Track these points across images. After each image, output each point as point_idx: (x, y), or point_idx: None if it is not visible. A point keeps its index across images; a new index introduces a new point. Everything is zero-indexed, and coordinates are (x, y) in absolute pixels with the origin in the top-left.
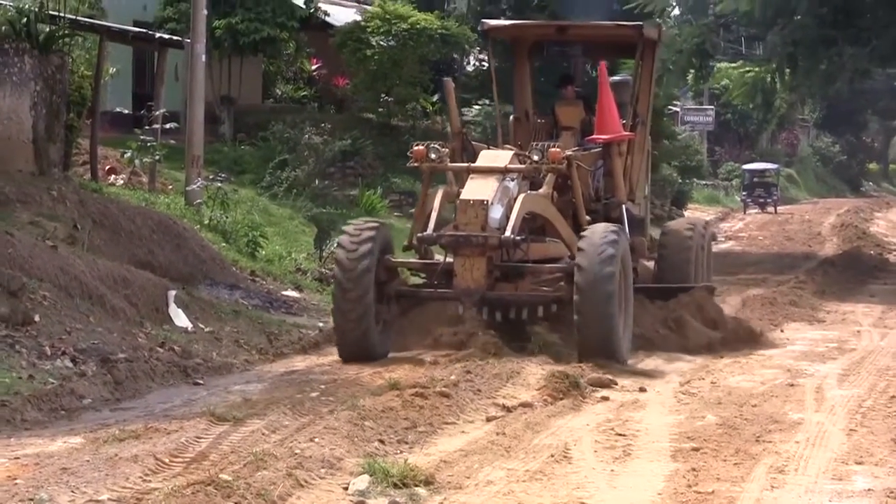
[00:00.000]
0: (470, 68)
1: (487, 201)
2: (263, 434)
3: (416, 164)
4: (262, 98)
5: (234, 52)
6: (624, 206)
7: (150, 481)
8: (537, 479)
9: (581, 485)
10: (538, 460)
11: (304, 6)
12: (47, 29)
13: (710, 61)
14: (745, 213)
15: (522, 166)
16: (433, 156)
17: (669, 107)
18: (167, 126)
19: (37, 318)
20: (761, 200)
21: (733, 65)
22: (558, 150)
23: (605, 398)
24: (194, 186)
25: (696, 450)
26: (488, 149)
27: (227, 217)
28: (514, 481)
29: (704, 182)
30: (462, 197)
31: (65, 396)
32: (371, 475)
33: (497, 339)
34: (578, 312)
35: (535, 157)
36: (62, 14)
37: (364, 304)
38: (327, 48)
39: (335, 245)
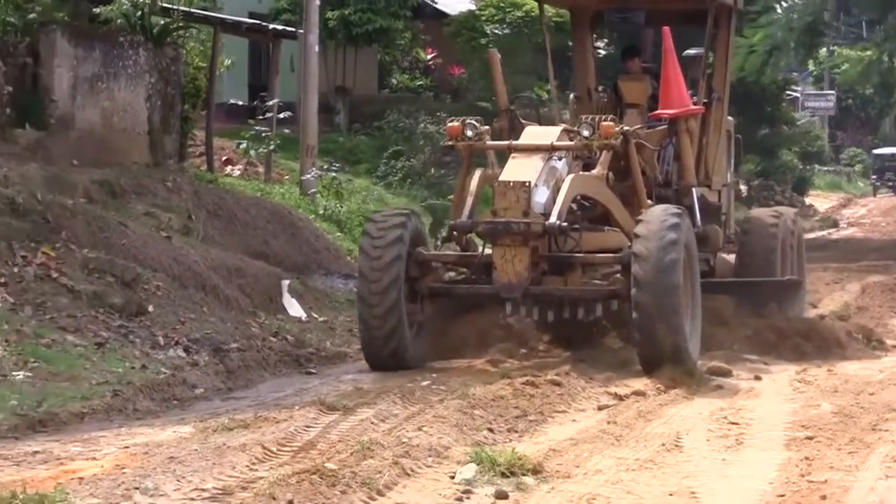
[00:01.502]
0: None
1: (530, 183)
2: (372, 423)
3: (451, 143)
4: (377, 88)
5: (349, 43)
6: (695, 192)
7: (256, 470)
8: (647, 468)
9: (691, 474)
10: (649, 449)
11: None
12: (161, 22)
13: (822, 40)
14: (874, 195)
15: (571, 143)
16: (470, 133)
17: (788, 92)
18: (281, 116)
19: (150, 309)
20: (891, 184)
21: (853, 50)
22: (611, 123)
23: (720, 387)
24: (308, 176)
25: (810, 438)
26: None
27: (341, 206)
28: (624, 470)
29: (826, 168)
30: (501, 178)
31: (177, 386)
32: (478, 464)
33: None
34: (637, 308)
35: (586, 133)
36: (176, 7)
37: (393, 302)
38: (442, 37)
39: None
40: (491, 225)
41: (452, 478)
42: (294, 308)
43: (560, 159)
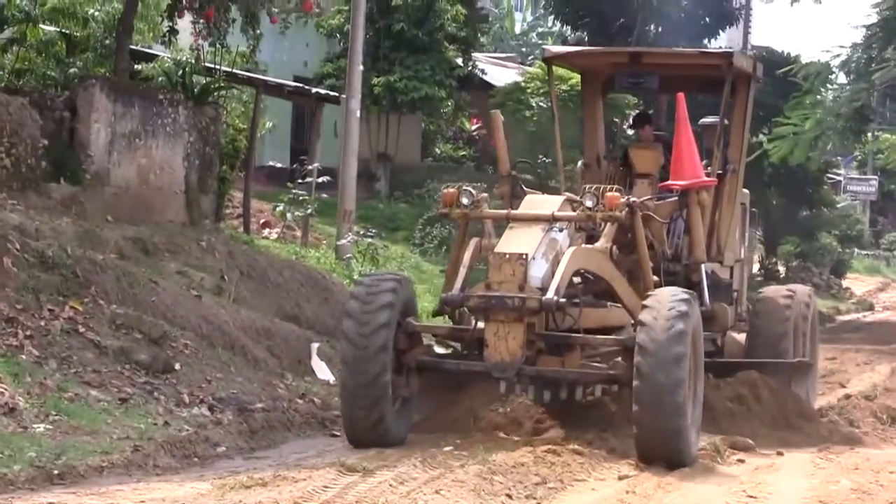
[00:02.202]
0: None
1: (527, 255)
2: (391, 486)
3: (445, 212)
4: (420, 156)
5: (393, 110)
6: (704, 268)
7: None
8: None
9: None
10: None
11: (462, 65)
12: (203, 81)
13: (868, 126)
14: None
15: (573, 214)
16: (466, 200)
17: (830, 175)
18: (320, 180)
19: (177, 367)
20: None
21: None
22: (617, 194)
23: (741, 461)
24: (345, 241)
25: None
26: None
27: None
28: None
29: (865, 252)
30: (497, 249)
31: (199, 444)
32: None
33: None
34: (638, 402)
35: (589, 204)
36: (219, 66)
37: (379, 371)
38: (487, 108)
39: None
40: (484, 299)
41: None
42: (322, 371)
43: (561, 231)
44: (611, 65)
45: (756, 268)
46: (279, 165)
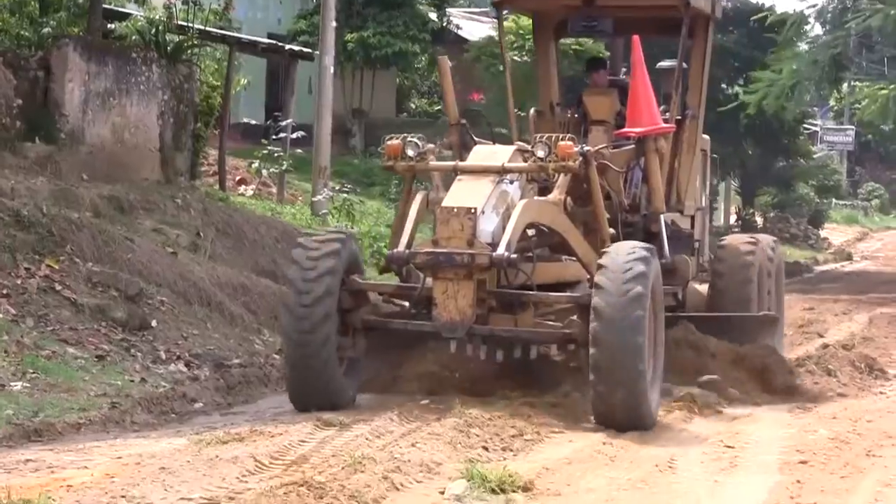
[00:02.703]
0: None
1: (476, 209)
2: (367, 439)
3: (389, 165)
4: (395, 112)
5: (367, 66)
6: (663, 218)
7: (246, 482)
8: (638, 488)
9: (682, 494)
10: (642, 469)
11: (436, 20)
12: (176, 39)
13: (845, 74)
14: None
15: (524, 165)
16: (411, 152)
17: (807, 126)
18: (294, 136)
19: (154, 324)
20: None
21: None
22: (569, 143)
23: (720, 411)
24: (320, 197)
25: (804, 462)
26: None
27: (352, 228)
28: (615, 489)
29: (843, 202)
30: (444, 204)
31: (176, 400)
32: (468, 480)
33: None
34: (595, 370)
35: (540, 154)
36: (192, 25)
37: (323, 341)
38: (462, 63)
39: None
40: (431, 256)
41: (442, 493)
42: None
43: (512, 182)
44: (563, 7)
45: (733, 219)
46: (254, 122)
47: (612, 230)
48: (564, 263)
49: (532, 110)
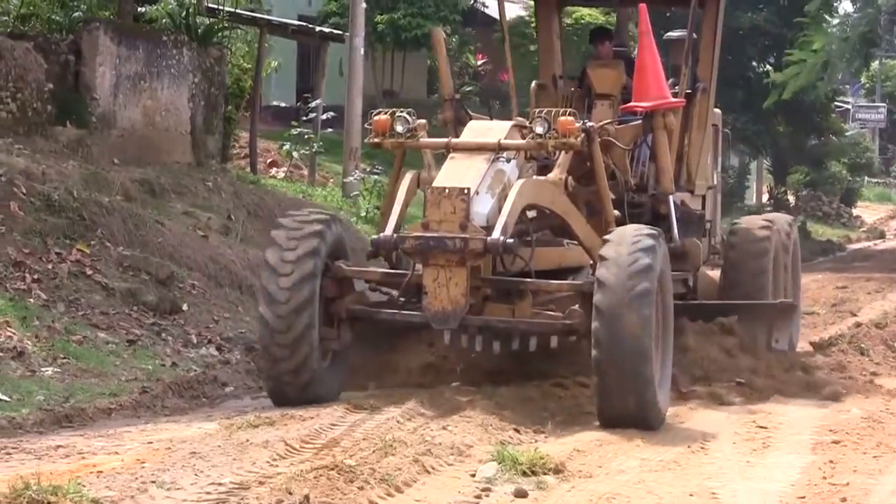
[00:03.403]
0: None
1: (470, 190)
2: (398, 422)
3: (376, 141)
4: (426, 93)
5: (398, 48)
6: (672, 199)
7: (276, 466)
8: (670, 469)
9: (714, 475)
10: (673, 451)
11: (466, 0)
12: (207, 22)
13: (875, 52)
14: None
15: (522, 142)
16: (400, 128)
17: (838, 103)
18: (324, 117)
19: (185, 307)
20: None
21: None
22: (570, 118)
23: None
24: (351, 179)
25: (837, 442)
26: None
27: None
28: (647, 471)
29: (875, 180)
30: (435, 184)
31: (207, 384)
32: (500, 463)
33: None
34: (598, 370)
35: (539, 130)
36: (222, 7)
37: (303, 330)
38: (492, 44)
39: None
40: (421, 240)
41: (473, 476)
42: None
43: (509, 161)
44: None
45: (766, 198)
46: (284, 105)
47: (617, 212)
48: (566, 248)
49: (533, 84)
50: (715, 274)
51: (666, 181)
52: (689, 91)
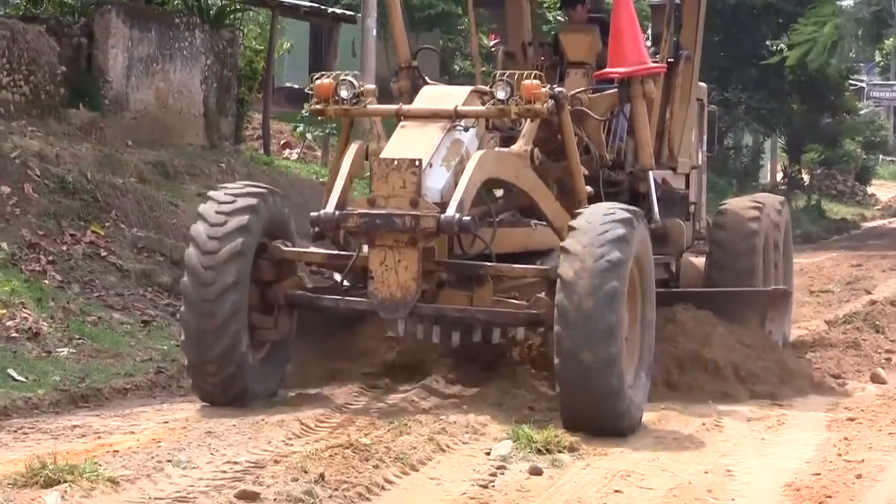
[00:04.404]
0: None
1: (421, 162)
2: (413, 401)
3: (318, 108)
4: (439, 73)
5: (410, 28)
6: (652, 176)
7: (291, 445)
8: (685, 447)
9: (729, 453)
10: (689, 428)
11: None
12: (219, 3)
13: (889, 31)
14: None
15: (482, 108)
16: (344, 93)
17: (853, 82)
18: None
19: None
20: None
21: None
22: (536, 82)
23: None
24: None
25: (852, 420)
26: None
27: None
28: (661, 448)
29: (890, 158)
30: (383, 155)
31: None
32: (514, 441)
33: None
34: (560, 351)
35: (501, 95)
36: None
37: (231, 312)
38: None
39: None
40: (366, 218)
41: (488, 454)
42: None
43: (467, 130)
44: None
45: (780, 177)
46: (297, 86)
47: (589, 189)
48: (533, 229)
49: (500, 50)
50: (699, 261)
51: (645, 156)
52: (672, 60)
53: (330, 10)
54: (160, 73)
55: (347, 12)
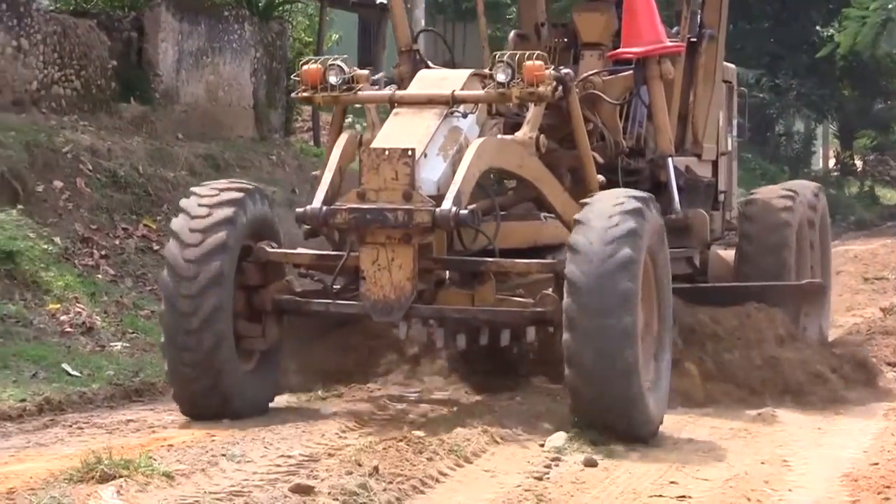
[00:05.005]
0: None
1: (415, 151)
2: (466, 393)
3: (305, 95)
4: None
5: (458, 18)
6: (672, 163)
7: (345, 438)
8: (741, 437)
9: (785, 443)
10: (744, 419)
11: None
12: None
13: None
14: None
15: (481, 93)
16: (334, 79)
17: None
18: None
19: None
20: None
21: None
22: (540, 63)
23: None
24: None
25: None
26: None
27: None
28: (718, 438)
29: None
30: (374, 145)
31: None
32: (569, 432)
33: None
34: (570, 359)
35: (501, 77)
36: None
37: (211, 312)
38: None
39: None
40: (355, 213)
41: (542, 446)
42: None
43: (466, 116)
44: None
45: (832, 163)
46: None
47: (602, 177)
48: (542, 223)
49: (512, 33)
50: (729, 253)
51: (663, 141)
52: (694, 39)
53: (378, 1)
54: (210, 66)
55: None
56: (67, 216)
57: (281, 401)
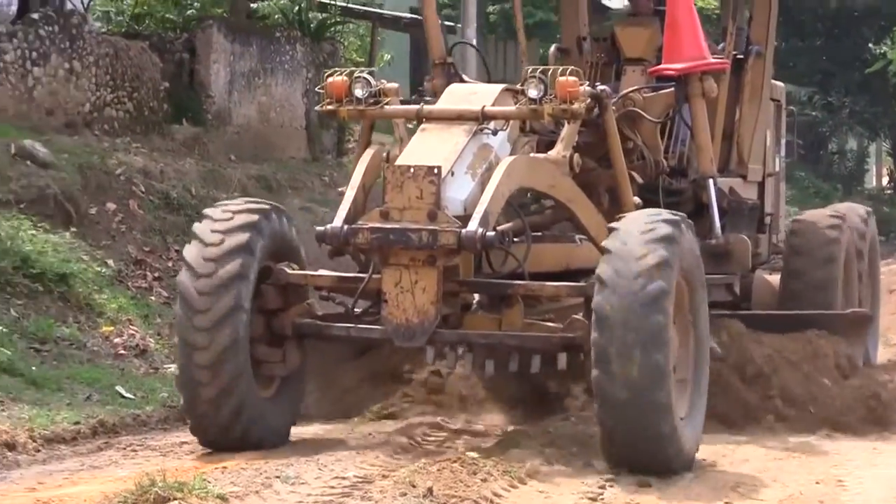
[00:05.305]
0: None
1: (441, 169)
2: (524, 414)
3: (330, 108)
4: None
5: (510, 37)
6: (713, 184)
7: (399, 459)
8: (795, 457)
9: (840, 463)
10: (798, 438)
11: None
12: (319, 17)
13: None
14: None
15: (512, 108)
16: (360, 92)
17: None
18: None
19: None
20: None
21: None
22: (574, 79)
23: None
24: None
25: None
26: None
27: None
28: (771, 459)
29: None
30: (398, 162)
31: None
32: None
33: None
34: (599, 396)
35: (533, 94)
36: (334, 2)
37: (228, 344)
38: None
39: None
40: (378, 233)
41: (596, 467)
42: None
43: (496, 133)
44: None
45: (885, 180)
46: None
47: (637, 199)
48: (576, 245)
49: (553, 48)
50: (775, 279)
51: (705, 162)
52: (741, 56)
53: None
54: (262, 87)
55: (448, 23)
56: (120, 238)
57: (329, 425)
